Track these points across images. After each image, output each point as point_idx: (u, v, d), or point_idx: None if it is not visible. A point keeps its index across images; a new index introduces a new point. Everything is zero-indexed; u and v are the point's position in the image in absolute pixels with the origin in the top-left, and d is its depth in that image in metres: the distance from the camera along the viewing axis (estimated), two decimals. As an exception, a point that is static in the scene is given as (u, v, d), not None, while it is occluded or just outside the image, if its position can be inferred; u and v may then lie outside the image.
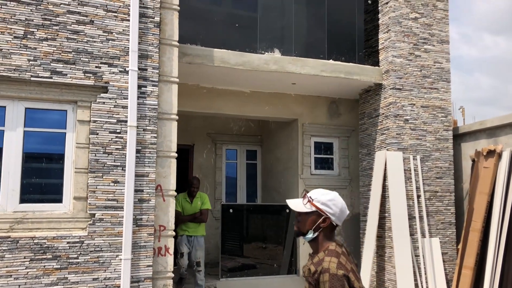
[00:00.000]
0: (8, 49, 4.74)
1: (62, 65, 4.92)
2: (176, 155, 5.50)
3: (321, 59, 7.41)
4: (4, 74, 4.70)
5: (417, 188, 7.34)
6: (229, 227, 7.90)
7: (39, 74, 4.84)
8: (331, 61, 7.46)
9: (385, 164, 7.27)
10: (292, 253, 8.09)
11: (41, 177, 5.06)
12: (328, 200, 2.21)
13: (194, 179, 7.18)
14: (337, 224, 2.25)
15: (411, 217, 7.20)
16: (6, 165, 4.82)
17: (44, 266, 4.63)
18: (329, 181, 8.53)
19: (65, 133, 5.09)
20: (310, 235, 2.22)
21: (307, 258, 2.38)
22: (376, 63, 7.90)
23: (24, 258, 4.58)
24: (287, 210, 8.30)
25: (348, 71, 7.50)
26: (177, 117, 5.55)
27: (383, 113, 7.68)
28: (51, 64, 4.89)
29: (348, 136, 8.84)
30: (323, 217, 2.19)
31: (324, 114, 8.73)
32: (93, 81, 5.02)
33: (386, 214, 7.30)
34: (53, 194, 5.03)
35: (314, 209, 2.20)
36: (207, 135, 9.87)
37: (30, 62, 4.81)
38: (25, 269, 4.57)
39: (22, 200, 4.84)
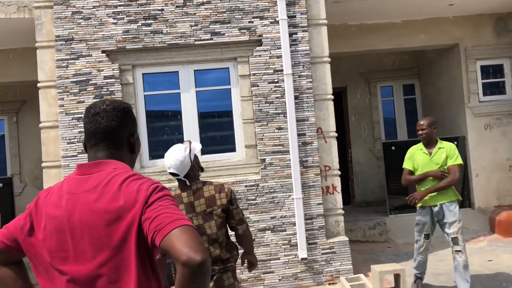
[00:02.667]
0: (173, 18, 5.27)
1: (219, 26, 5.30)
2: (332, 97, 5.58)
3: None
4: (173, 42, 5.27)
5: None
6: (392, 165, 7.79)
7: (201, 37, 5.30)
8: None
9: None
10: (464, 186, 7.67)
11: (215, 130, 5.64)
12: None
13: (421, 120, 4.82)
14: None
15: None
16: (186, 123, 5.48)
17: (229, 207, 5.23)
18: (501, 107, 7.73)
19: (230, 88, 5.54)
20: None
21: (481, 191, 2.28)
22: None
23: (211, 201, 5.23)
24: (455, 142, 7.82)
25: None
26: (329, 60, 5.58)
27: None
28: (210, 26, 5.30)
29: (521, 54, 7.81)
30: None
31: (489, 33, 7.82)
32: (248, 36, 5.31)
33: None
34: (227, 144, 5.58)
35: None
36: (360, 75, 9.67)
37: (192, 27, 5.29)
38: (214, 211, 5.23)
39: (203, 152, 5.48)
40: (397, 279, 4.67)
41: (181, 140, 5.43)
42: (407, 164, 4.82)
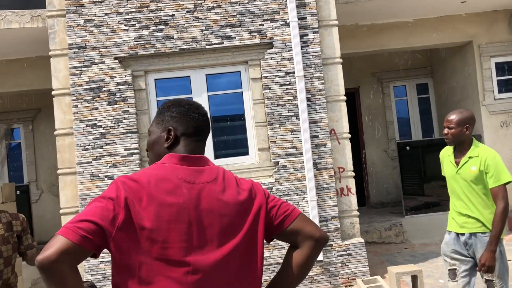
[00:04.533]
0: (184, 23, 5.29)
1: (230, 29, 5.31)
2: (345, 98, 5.54)
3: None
4: (184, 47, 5.29)
5: None
6: (407, 165, 7.72)
7: (212, 42, 5.31)
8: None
9: None
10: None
11: (228, 134, 5.65)
12: None
13: (451, 114, 3.32)
14: None
15: None
16: (198, 127, 5.48)
17: (243, 211, 5.22)
18: (518, 104, 7.62)
19: (242, 92, 5.54)
20: None
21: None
22: None
23: (226, 205, 5.23)
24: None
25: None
26: (341, 60, 5.55)
27: None
28: (221, 30, 5.31)
29: (537, 50, 7.69)
30: None
31: (504, 30, 7.72)
32: (259, 39, 5.31)
33: None
34: (240, 148, 5.58)
35: None
36: (372, 75, 9.61)
37: (203, 32, 5.31)
38: (228, 214, 5.22)
39: (216, 156, 5.49)
40: (415, 281, 4.61)
41: (194, 145, 5.45)
42: (443, 171, 3.55)
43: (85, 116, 5.24)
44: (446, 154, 3.46)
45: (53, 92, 5.36)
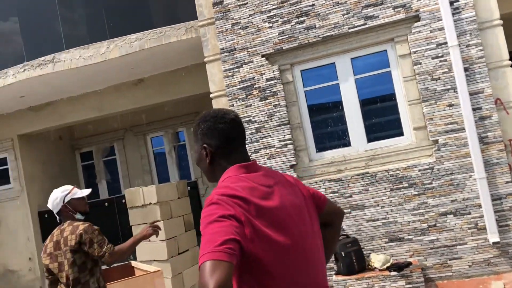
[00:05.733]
0: (325, 11, 5.31)
1: (372, 9, 5.17)
2: (509, 63, 4.98)
3: None
4: (327, 34, 5.31)
5: None
6: None
7: (355, 24, 5.23)
8: None
9: None
10: None
11: (379, 116, 5.51)
12: None
13: None
14: None
15: None
16: (348, 113, 5.47)
17: (404, 194, 5.06)
18: None
19: (390, 71, 5.35)
20: None
21: None
22: None
23: (384, 189, 5.13)
24: None
25: None
26: (501, 22, 5.00)
27: None
28: (362, 11, 5.20)
29: None
30: None
31: None
32: (404, 14, 5.07)
33: None
34: (393, 129, 5.40)
35: None
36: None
37: (345, 16, 5.25)
38: (388, 198, 5.12)
39: (369, 140, 5.40)
40: None
41: (345, 131, 5.46)
42: None
43: (240, 114, 5.60)
44: None
45: (211, 95, 5.84)
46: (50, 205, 3.33)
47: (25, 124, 8.75)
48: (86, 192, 3.43)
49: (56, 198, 3.29)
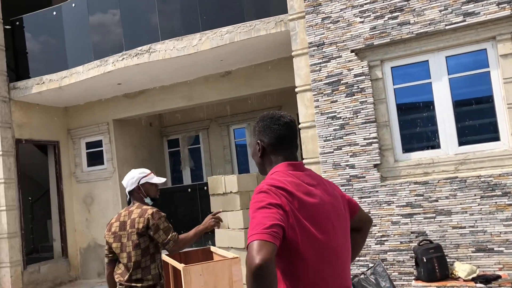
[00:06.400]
0: (420, 7, 5.10)
1: (472, 5, 4.88)
2: None
3: None
4: (421, 30, 5.11)
5: None
6: None
7: (453, 21, 4.98)
8: None
9: None
10: None
11: (473, 118, 5.21)
12: None
13: None
14: None
15: None
16: (439, 113, 5.22)
17: (496, 202, 4.75)
18: None
19: (489, 71, 5.03)
20: None
21: None
22: None
23: (474, 195, 4.85)
24: None
25: None
26: None
27: None
28: (462, 7, 4.93)
29: None
30: None
31: None
32: (510, 10, 4.73)
33: None
34: (488, 133, 5.08)
35: None
36: None
37: (442, 12, 5.01)
38: (477, 205, 4.83)
39: (460, 143, 5.13)
40: None
41: (435, 132, 5.23)
42: None
43: (325, 109, 5.57)
44: None
45: (296, 89, 5.87)
46: (125, 182, 3.36)
47: (120, 110, 9.37)
48: (161, 180, 3.46)
49: (133, 177, 3.32)
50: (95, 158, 9.71)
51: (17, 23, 8.77)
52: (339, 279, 1.75)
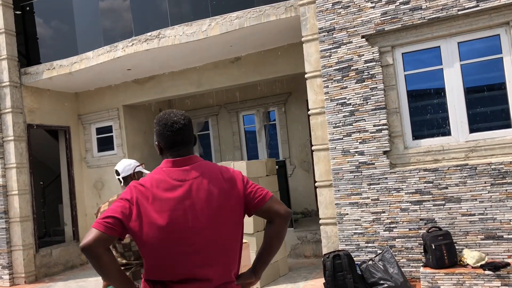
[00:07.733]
0: (433, -8, 5.02)
1: (487, -11, 4.80)
2: None
3: None
4: (433, 16, 5.04)
5: None
6: None
7: (465, 6, 4.90)
8: None
9: None
10: None
11: (485, 105, 5.16)
12: None
13: None
14: None
15: None
16: (450, 100, 5.18)
17: (506, 190, 4.72)
18: None
19: (502, 57, 4.96)
20: None
21: None
22: None
23: (485, 183, 4.82)
24: None
25: None
26: None
27: None
28: (475, -8, 4.85)
29: None
30: None
31: None
32: (524, -5, 4.65)
33: None
34: (500, 120, 5.03)
35: None
36: None
37: (455, -3, 4.94)
38: (488, 193, 4.81)
39: (471, 130, 5.09)
40: None
41: (445, 119, 5.18)
42: None
43: (335, 95, 5.54)
44: None
45: (306, 75, 5.84)
46: (120, 168, 3.46)
47: (130, 95, 9.39)
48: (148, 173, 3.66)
49: (130, 164, 3.47)
50: (105, 144, 9.78)
51: (27, 8, 8.78)
52: (197, 268, 1.87)
